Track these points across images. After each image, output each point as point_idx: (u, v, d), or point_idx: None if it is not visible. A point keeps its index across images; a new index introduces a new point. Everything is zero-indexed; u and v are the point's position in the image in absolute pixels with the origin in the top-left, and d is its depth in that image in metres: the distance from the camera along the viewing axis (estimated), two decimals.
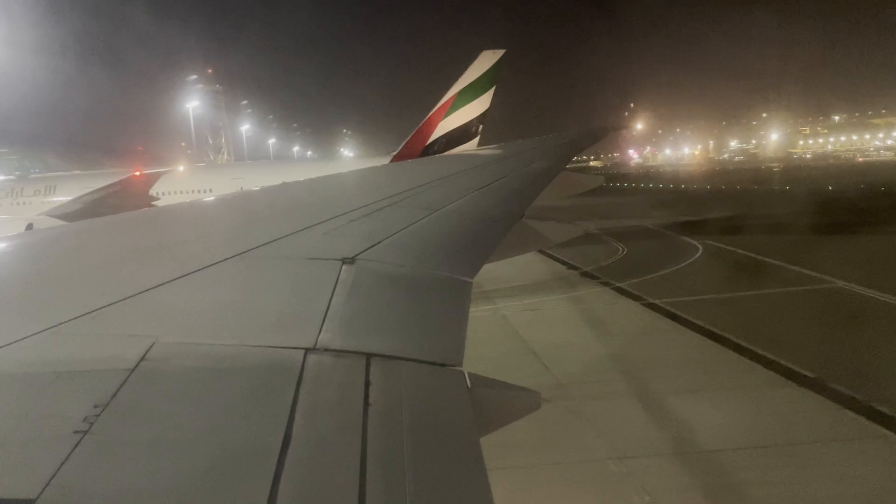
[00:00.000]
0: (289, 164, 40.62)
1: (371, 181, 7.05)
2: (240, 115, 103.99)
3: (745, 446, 9.10)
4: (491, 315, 17.31)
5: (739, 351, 13.10)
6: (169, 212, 5.23)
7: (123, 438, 1.30)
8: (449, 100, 32.77)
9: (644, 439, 9.46)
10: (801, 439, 9.35)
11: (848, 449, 8.97)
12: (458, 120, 32.62)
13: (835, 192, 50.72)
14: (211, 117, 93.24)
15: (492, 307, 18.09)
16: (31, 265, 2.92)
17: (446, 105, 32.75)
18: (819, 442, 9.21)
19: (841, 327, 14.78)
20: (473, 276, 2.80)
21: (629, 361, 13.16)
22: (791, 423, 9.91)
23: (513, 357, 13.77)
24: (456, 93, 32.72)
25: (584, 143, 12.02)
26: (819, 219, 33.06)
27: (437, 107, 32.95)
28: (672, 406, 10.68)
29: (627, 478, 8.41)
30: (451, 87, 32.95)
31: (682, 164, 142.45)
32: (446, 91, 32.95)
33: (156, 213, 4.62)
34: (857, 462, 8.61)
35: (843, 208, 37.95)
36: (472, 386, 1.73)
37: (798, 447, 9.08)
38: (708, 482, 8.32)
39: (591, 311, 17.68)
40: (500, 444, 9.83)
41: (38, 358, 1.64)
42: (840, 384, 10.95)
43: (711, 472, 8.52)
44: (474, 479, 1.32)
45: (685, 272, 22.25)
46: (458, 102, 32.64)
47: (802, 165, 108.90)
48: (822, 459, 8.67)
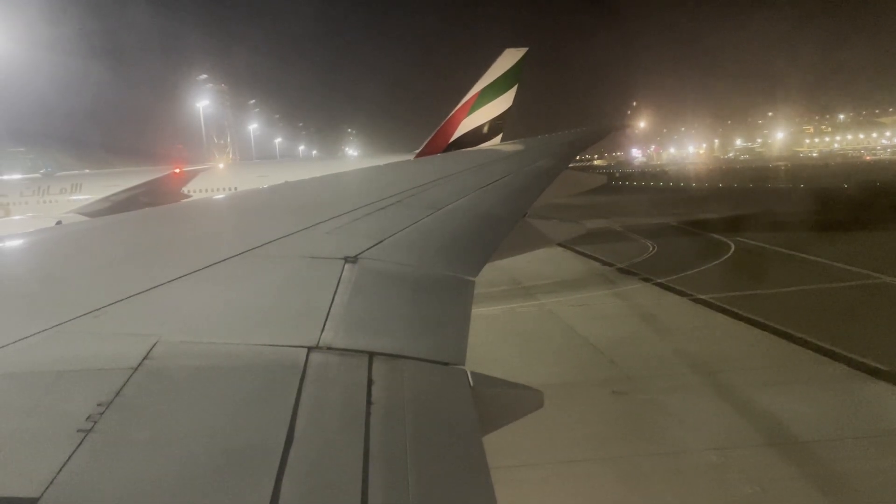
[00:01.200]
0: (310, 162, 41.10)
1: (373, 180, 7.04)
2: (246, 114, 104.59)
3: (840, 437, 9.09)
4: (538, 311, 17.31)
5: (803, 345, 13.10)
6: (171, 211, 5.23)
7: (127, 437, 1.30)
8: (472, 98, 32.82)
9: (734, 431, 9.46)
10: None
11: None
12: (481, 118, 32.71)
13: (852, 190, 50.68)
14: (216, 116, 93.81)
15: (536, 303, 18.10)
16: (35, 264, 2.92)
17: (469, 103, 32.82)
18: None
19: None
20: (476, 275, 2.80)
21: (695, 355, 13.13)
22: (879, 414, 9.97)
23: (573, 351, 13.78)
24: (479, 91, 32.79)
25: (586, 141, 12.00)
26: (842, 215, 33.16)
27: (460, 105, 33.02)
28: (752, 398, 10.69)
29: (731, 468, 8.41)
30: (474, 85, 33.00)
31: (688, 163, 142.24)
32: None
33: (158, 212, 4.62)
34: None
35: (863, 205, 37.94)
36: (475, 385, 1.73)
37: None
38: (812, 472, 8.30)
39: (640, 306, 17.58)
40: (591, 436, 9.38)
41: (41, 357, 1.64)
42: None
43: (813, 462, 8.50)
44: (477, 479, 1.32)
45: (723, 268, 22.14)
46: (481, 100, 32.71)
47: (810, 164, 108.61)
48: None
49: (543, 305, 17.83)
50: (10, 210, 26.08)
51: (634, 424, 9.80)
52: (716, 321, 15.59)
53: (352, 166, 25.18)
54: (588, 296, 18.88)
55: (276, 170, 32.21)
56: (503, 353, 13.66)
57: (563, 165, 7.41)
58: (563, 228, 4.97)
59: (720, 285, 18.96)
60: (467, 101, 32.91)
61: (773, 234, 28.10)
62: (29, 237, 3.60)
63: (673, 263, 22.57)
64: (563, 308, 17.47)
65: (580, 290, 19.66)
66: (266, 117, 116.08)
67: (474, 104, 32.78)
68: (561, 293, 19.21)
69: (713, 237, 28.81)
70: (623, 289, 19.67)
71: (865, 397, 10.62)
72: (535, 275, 21.66)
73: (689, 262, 22.42)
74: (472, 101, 32.83)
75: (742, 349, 13.45)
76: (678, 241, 29.42)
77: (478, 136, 32.09)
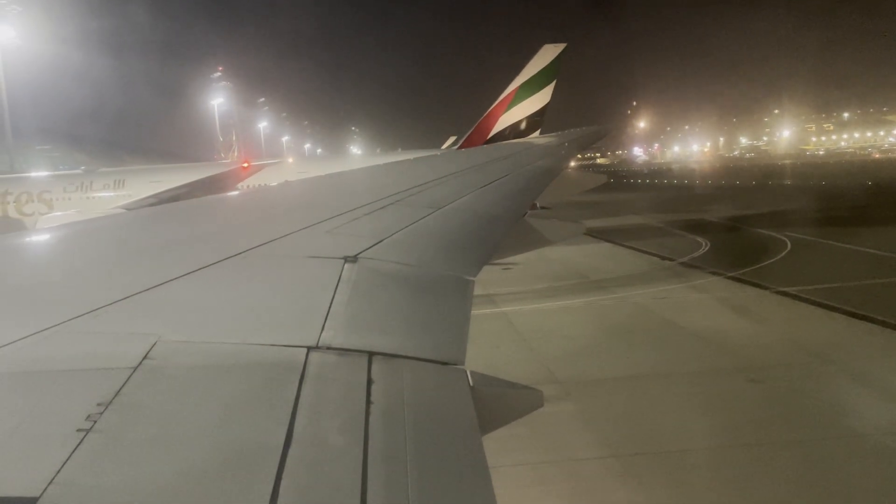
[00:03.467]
0: (342, 158, 41.44)
1: (373, 179, 7.04)
2: (253, 112, 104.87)
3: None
4: (622, 303, 17.28)
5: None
6: (171, 210, 5.23)
7: (126, 436, 1.30)
8: (510, 93, 32.76)
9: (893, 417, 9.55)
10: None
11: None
12: (520, 113, 32.61)
13: (875, 186, 50.76)
14: (221, 115, 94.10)
15: (616, 296, 18.07)
16: (35, 264, 2.92)
17: (508, 98, 32.77)
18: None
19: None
20: (476, 275, 2.80)
21: (808, 344, 13.11)
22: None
23: (683, 342, 13.75)
24: (517, 86, 32.66)
25: (586, 141, 12.01)
26: (878, 211, 33.36)
27: (499, 100, 32.93)
28: (892, 385, 10.77)
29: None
30: (513, 80, 32.89)
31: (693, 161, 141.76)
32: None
33: (158, 211, 4.62)
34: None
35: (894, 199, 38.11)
36: (475, 384, 1.73)
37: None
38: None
39: (725, 299, 17.41)
40: (763, 420, 9.76)
41: (41, 356, 1.64)
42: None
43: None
44: (476, 478, 1.32)
45: (791, 262, 21.98)
46: (520, 96, 32.62)
47: (821, 162, 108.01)
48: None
49: (626, 298, 17.73)
50: (54, 205, 26.01)
51: (789, 410, 9.93)
52: (810, 313, 15.45)
53: (382, 163, 25.29)
54: (665, 289, 18.70)
55: (314, 166, 32.27)
56: (613, 345, 13.73)
57: (563, 165, 7.41)
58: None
59: (796, 278, 18.70)
60: (506, 97, 32.83)
61: (819, 228, 27.98)
62: (29, 237, 3.60)
63: (734, 258, 22.36)
64: (648, 301, 17.38)
65: (653, 283, 19.49)
66: (272, 116, 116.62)
67: (513, 100, 32.69)
68: (636, 287, 19.08)
69: (761, 232, 28.62)
70: (697, 282, 19.49)
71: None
72: (597, 269, 21.69)
73: (751, 257, 22.22)
74: (511, 97, 32.74)
75: (852, 338, 13.44)
76: (726, 236, 29.28)
77: (516, 131, 32.06)
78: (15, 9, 39.52)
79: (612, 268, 22.15)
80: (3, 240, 3.35)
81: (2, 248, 3.19)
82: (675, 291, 18.50)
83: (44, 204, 26.05)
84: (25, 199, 26.18)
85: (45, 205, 26.03)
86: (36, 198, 26.28)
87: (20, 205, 26.04)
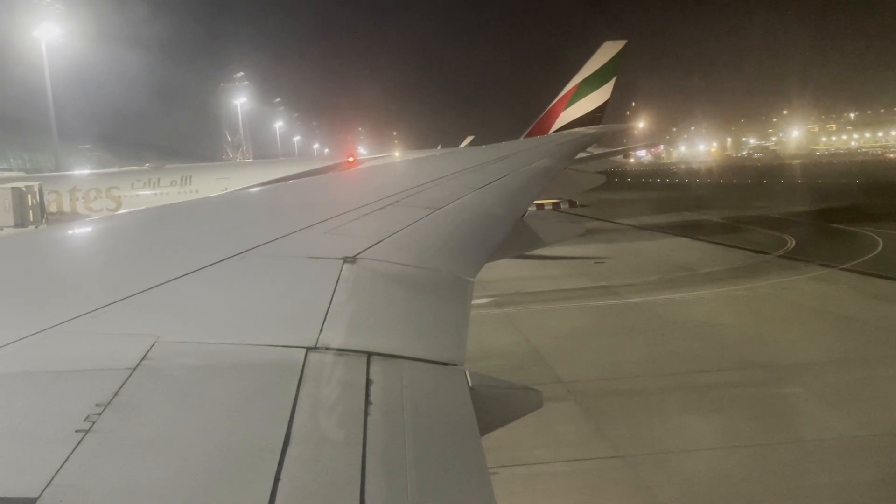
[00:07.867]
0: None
1: (372, 180, 7.04)
2: (266, 112, 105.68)
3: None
4: (754, 293, 16.86)
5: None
6: (170, 210, 5.23)
7: (125, 437, 1.30)
8: (571, 90, 32.83)
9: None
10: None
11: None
12: (580, 110, 32.67)
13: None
14: (229, 115, 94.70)
15: (741, 287, 17.58)
16: (34, 264, 2.92)
17: (568, 95, 32.83)
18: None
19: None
20: (475, 275, 2.80)
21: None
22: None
23: (845, 330, 13.63)
24: (578, 83, 32.76)
25: (586, 141, 12.01)
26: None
27: (559, 97, 33.05)
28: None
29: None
30: (573, 77, 32.99)
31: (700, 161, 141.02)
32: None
33: (157, 211, 4.61)
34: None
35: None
36: (474, 385, 1.73)
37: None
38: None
39: (859, 289, 17.05)
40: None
41: (39, 357, 1.64)
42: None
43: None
44: (476, 479, 1.32)
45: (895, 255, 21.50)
46: (580, 92, 32.70)
47: (836, 161, 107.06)
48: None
49: (755, 289, 17.23)
50: (122, 203, 25.84)
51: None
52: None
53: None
54: (785, 280, 18.24)
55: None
56: (782, 334, 13.54)
57: (562, 165, 7.41)
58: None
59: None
60: (566, 94, 32.90)
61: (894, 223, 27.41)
62: (28, 237, 3.60)
63: (836, 252, 21.83)
64: (780, 291, 16.99)
65: (768, 276, 19.02)
66: (283, 115, 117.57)
67: (573, 96, 32.77)
68: (752, 279, 18.55)
69: (840, 228, 28.02)
70: (814, 274, 18.97)
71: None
72: (696, 263, 21.11)
73: (852, 251, 21.75)
74: (571, 94, 32.81)
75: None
76: (808, 231, 28.67)
77: (576, 127, 32.21)
78: (58, 8, 39.57)
79: (709, 261, 21.45)
80: (3, 240, 3.35)
81: (1, 248, 3.19)
82: (798, 283, 17.99)
83: (112, 200, 25.89)
84: (94, 196, 26.00)
85: (113, 201, 25.88)
86: (104, 194, 26.15)
87: (88, 201, 25.83)
